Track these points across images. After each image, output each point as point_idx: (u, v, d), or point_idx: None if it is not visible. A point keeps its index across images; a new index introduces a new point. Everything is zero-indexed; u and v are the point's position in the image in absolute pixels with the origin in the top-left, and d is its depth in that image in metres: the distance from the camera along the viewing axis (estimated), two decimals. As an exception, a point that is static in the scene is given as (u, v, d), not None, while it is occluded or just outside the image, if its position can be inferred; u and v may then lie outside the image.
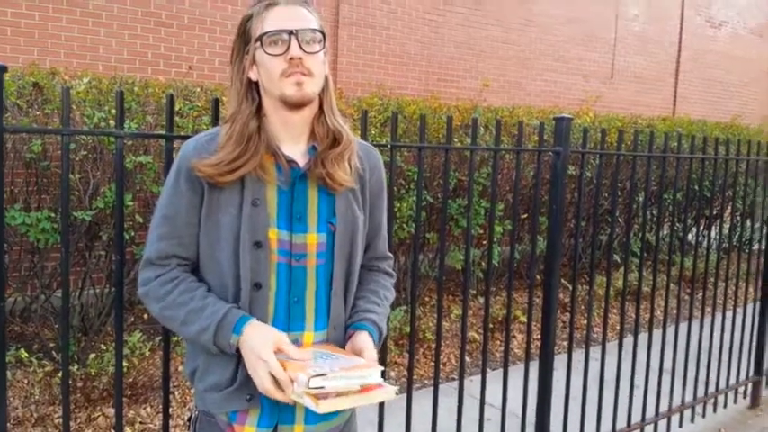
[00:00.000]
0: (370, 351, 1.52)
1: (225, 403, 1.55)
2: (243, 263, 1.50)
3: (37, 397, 3.78)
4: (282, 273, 1.54)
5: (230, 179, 1.50)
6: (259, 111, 1.56)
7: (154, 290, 1.54)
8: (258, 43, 1.50)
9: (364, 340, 1.56)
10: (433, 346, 2.62)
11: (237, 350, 1.47)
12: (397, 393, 1.38)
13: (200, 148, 1.54)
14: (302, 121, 1.57)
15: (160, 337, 2.06)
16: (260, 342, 1.42)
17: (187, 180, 1.53)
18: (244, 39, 1.54)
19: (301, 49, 1.48)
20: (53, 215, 4.02)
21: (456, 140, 5.62)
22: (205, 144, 1.55)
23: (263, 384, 1.40)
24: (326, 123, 1.58)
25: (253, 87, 1.56)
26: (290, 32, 1.47)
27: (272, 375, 1.39)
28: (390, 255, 1.81)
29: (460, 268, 5.68)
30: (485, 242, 6.03)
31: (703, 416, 4.03)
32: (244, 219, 1.50)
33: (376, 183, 1.70)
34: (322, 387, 1.28)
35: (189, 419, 1.68)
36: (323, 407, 1.29)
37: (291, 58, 1.47)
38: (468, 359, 5.01)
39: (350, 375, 1.30)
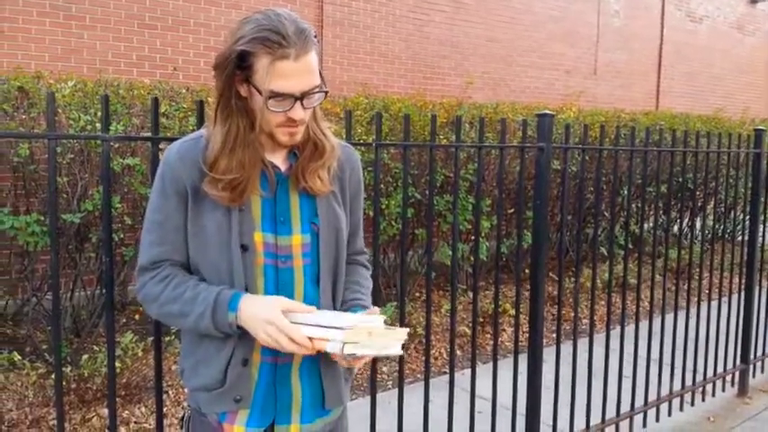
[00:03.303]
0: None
1: (214, 404, 1.57)
2: (231, 266, 1.52)
3: (31, 399, 3.78)
4: (270, 275, 1.56)
5: (242, 201, 1.52)
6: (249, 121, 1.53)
7: (149, 292, 1.56)
8: (259, 92, 1.46)
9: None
10: (424, 340, 2.66)
11: (240, 327, 1.48)
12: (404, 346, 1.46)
13: (184, 154, 1.54)
14: None
15: (152, 338, 2.07)
16: (262, 307, 1.44)
17: (172, 185, 1.53)
18: (239, 64, 1.45)
19: (303, 108, 1.48)
20: (42, 218, 4.02)
21: (442, 137, 5.65)
22: (188, 149, 1.55)
23: (281, 344, 1.42)
24: (308, 131, 1.58)
25: (243, 101, 1.52)
26: (297, 98, 1.46)
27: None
28: (366, 250, 1.84)
29: (450, 263, 5.72)
30: (473, 237, 6.07)
31: (692, 404, 4.09)
32: (232, 223, 1.52)
33: (355, 184, 1.73)
34: (353, 354, 1.39)
35: (182, 418, 1.70)
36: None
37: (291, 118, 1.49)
38: (459, 353, 5.05)
39: (375, 344, 1.41)
